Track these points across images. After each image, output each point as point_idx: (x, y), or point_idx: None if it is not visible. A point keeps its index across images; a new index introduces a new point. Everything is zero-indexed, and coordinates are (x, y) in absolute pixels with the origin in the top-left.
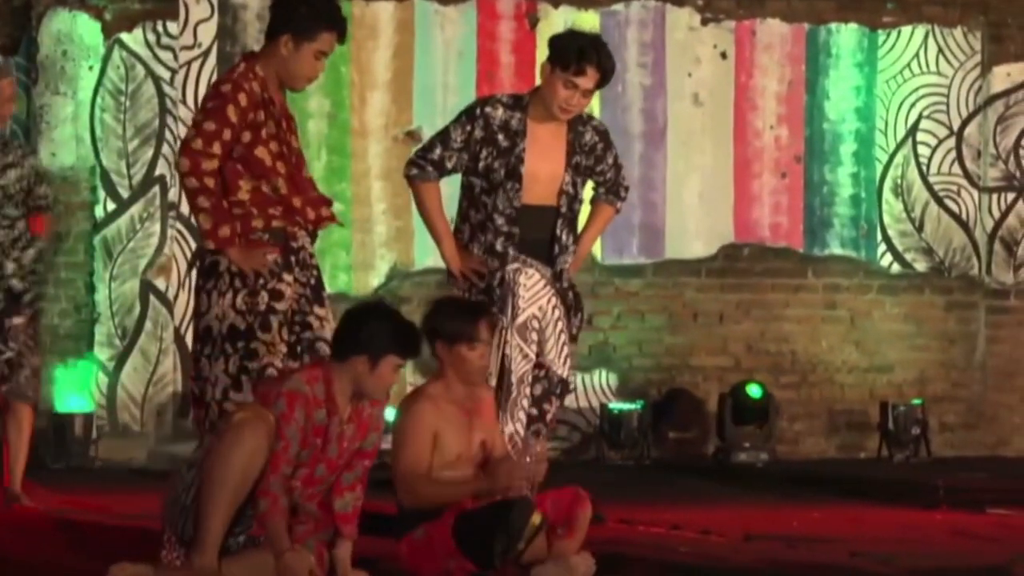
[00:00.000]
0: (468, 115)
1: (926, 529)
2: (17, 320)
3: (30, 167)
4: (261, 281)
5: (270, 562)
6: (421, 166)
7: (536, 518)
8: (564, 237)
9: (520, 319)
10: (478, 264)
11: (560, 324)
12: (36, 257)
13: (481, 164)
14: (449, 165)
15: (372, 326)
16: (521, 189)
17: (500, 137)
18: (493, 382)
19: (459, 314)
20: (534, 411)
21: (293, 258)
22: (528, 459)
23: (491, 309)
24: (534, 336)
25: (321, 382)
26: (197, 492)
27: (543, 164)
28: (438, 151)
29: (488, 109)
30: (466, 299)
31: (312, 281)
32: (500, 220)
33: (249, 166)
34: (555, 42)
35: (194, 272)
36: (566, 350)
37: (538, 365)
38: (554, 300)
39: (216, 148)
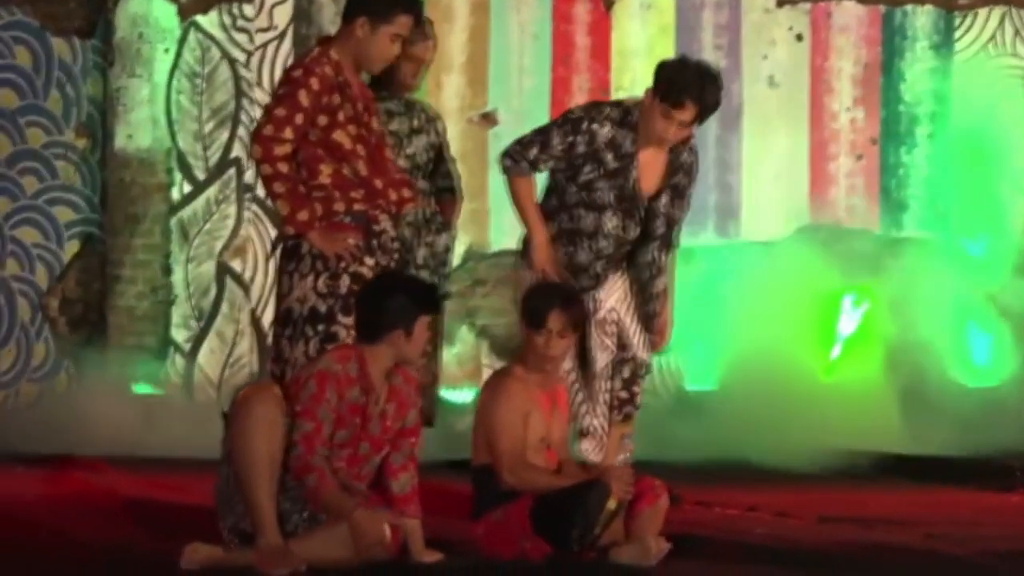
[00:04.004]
0: (573, 125)
1: (1003, 511)
2: None
3: (436, 134)
4: (343, 264)
5: (340, 532)
6: (516, 160)
7: (612, 503)
8: (660, 259)
9: (600, 314)
10: (560, 272)
11: (636, 310)
12: (448, 246)
13: (582, 178)
14: (543, 167)
15: (395, 300)
16: (636, 225)
17: (608, 157)
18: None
19: (538, 297)
20: (624, 394)
21: (375, 241)
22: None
23: (578, 302)
24: (613, 328)
25: (354, 360)
26: (236, 481)
27: (646, 187)
28: (535, 152)
29: (595, 126)
30: (559, 286)
31: (393, 265)
32: (603, 243)
33: (329, 150)
34: (660, 69)
35: (269, 254)
36: (643, 333)
37: (623, 347)
38: (626, 285)
39: (288, 133)
